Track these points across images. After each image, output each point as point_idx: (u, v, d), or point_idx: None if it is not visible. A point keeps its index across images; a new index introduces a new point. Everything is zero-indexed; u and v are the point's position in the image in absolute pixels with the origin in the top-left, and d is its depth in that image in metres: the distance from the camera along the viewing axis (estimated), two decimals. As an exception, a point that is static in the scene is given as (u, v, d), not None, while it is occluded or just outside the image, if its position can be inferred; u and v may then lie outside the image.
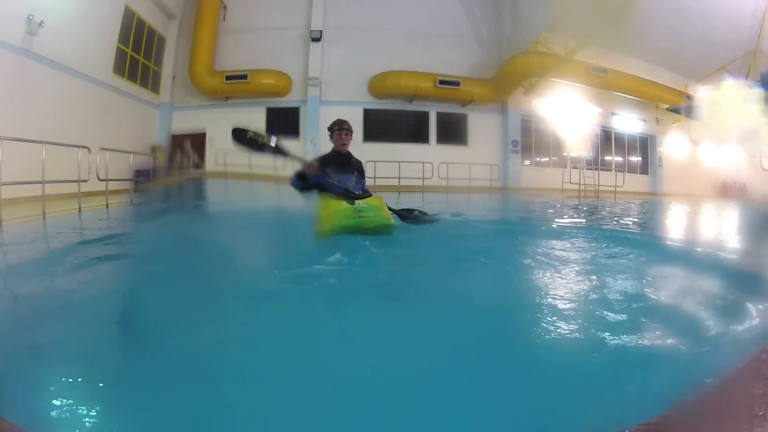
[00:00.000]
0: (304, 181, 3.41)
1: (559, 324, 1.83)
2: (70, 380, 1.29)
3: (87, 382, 1.28)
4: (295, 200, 3.80)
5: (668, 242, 4.75)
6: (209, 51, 14.32)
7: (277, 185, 8.89)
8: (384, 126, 15.07)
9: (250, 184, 12.46)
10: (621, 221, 6.74)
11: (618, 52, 15.12)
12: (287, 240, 3.32)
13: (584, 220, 6.69)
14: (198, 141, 14.83)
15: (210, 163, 14.41)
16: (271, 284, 2.25)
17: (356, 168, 3.55)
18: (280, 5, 14.90)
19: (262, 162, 12.94)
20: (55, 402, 1.16)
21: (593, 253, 3.74)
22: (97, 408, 1.15)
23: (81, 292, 2.25)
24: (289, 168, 3.44)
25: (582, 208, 8.93)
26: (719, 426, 0.70)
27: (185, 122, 14.79)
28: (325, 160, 3.45)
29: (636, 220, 7.18)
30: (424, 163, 14.03)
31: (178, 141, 14.36)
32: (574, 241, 4.51)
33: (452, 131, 15.59)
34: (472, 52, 15.74)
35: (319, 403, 1.19)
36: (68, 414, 1.13)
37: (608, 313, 1.96)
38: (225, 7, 14.85)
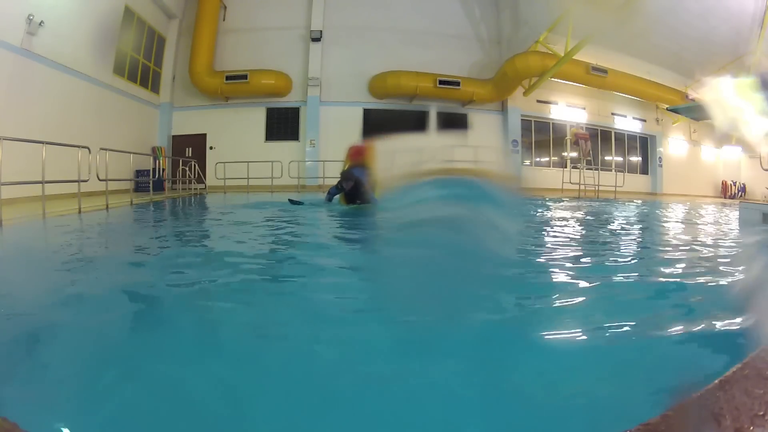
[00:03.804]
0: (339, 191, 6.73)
1: (559, 324, 1.83)
2: (72, 380, 1.29)
3: (88, 382, 1.28)
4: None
5: (667, 242, 4.75)
6: (209, 51, 14.30)
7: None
8: (384, 126, 15.06)
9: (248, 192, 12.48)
10: (621, 220, 6.74)
11: (618, 52, 15.12)
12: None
13: (582, 217, 6.70)
14: (198, 141, 14.83)
15: (210, 162, 14.39)
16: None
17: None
18: (280, 5, 14.89)
19: (260, 172, 13.08)
20: (57, 402, 1.16)
21: (593, 252, 3.74)
22: (99, 408, 1.15)
23: (81, 291, 2.25)
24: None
25: (581, 206, 8.93)
26: (719, 426, 0.70)
27: (185, 122, 14.79)
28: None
29: (636, 218, 7.19)
30: (424, 163, 14.03)
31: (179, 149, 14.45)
32: (574, 238, 4.51)
33: (452, 131, 15.57)
34: (472, 52, 15.74)
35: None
36: (70, 414, 1.13)
37: (608, 314, 1.96)
38: (225, 7, 14.84)
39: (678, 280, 2.66)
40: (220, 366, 1.41)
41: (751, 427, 0.69)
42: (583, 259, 3.37)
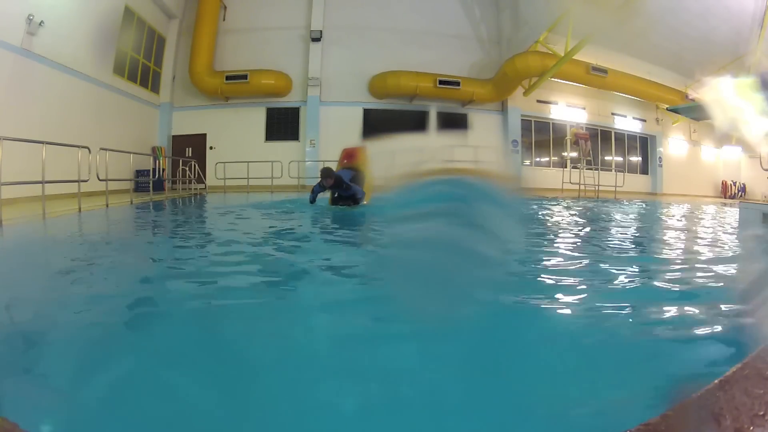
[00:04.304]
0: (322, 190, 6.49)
1: (558, 325, 1.83)
2: (73, 380, 1.29)
3: (90, 381, 1.28)
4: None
5: (667, 242, 4.75)
6: (209, 51, 14.31)
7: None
8: (384, 126, 15.06)
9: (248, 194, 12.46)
10: (621, 220, 6.74)
11: (618, 52, 15.12)
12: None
13: (582, 217, 6.70)
14: (198, 141, 14.84)
15: (210, 162, 14.40)
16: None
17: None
18: (280, 5, 14.90)
19: (260, 172, 13.11)
20: (58, 402, 1.16)
21: (592, 251, 3.74)
22: (100, 408, 1.15)
23: (81, 291, 2.25)
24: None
25: (581, 206, 8.93)
26: (719, 426, 0.70)
27: (185, 122, 14.80)
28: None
29: (636, 218, 7.19)
30: (424, 163, 14.01)
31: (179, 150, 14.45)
32: (574, 238, 4.51)
33: (452, 131, 15.58)
34: (472, 52, 15.74)
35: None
36: (71, 414, 1.13)
37: (608, 313, 1.96)
38: (225, 7, 14.85)
39: (678, 280, 2.66)
40: (219, 368, 1.41)
41: (751, 427, 0.69)
42: (582, 259, 3.37)
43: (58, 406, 1.15)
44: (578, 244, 4.31)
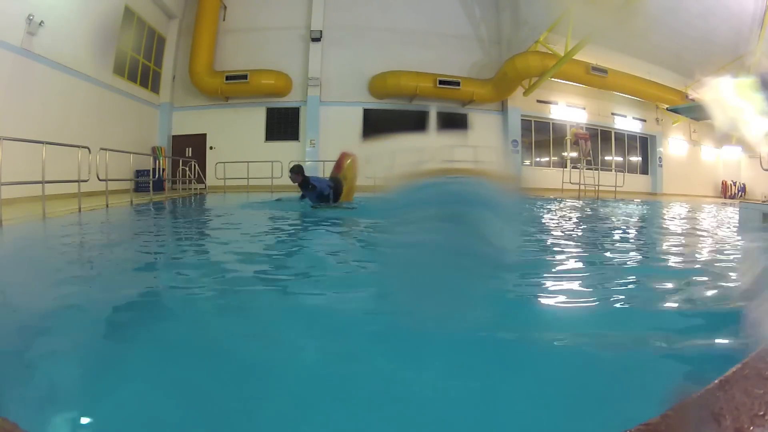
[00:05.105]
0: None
1: (558, 324, 1.83)
2: (73, 380, 1.29)
3: (90, 381, 1.28)
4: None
5: (667, 242, 4.75)
6: (209, 51, 14.31)
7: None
8: (384, 126, 15.05)
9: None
10: (621, 220, 6.74)
11: (618, 52, 15.12)
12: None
13: (582, 218, 6.69)
14: (198, 141, 14.83)
15: (210, 162, 14.40)
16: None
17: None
18: (280, 5, 14.90)
19: (260, 172, 13.12)
20: (58, 402, 1.16)
21: (592, 252, 3.74)
22: (101, 408, 1.15)
23: (81, 291, 2.25)
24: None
25: (580, 206, 8.93)
26: (719, 426, 0.70)
27: (185, 122, 14.79)
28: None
29: (636, 219, 7.18)
30: (424, 163, 14.00)
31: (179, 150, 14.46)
32: (573, 239, 4.51)
33: (452, 131, 15.58)
34: (472, 52, 15.74)
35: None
36: (71, 414, 1.12)
37: (609, 313, 1.96)
38: (225, 7, 14.84)
39: (678, 280, 2.66)
40: (218, 367, 1.41)
41: (751, 427, 0.69)
42: (582, 259, 3.37)
43: (58, 406, 1.14)
44: (578, 244, 4.31)
